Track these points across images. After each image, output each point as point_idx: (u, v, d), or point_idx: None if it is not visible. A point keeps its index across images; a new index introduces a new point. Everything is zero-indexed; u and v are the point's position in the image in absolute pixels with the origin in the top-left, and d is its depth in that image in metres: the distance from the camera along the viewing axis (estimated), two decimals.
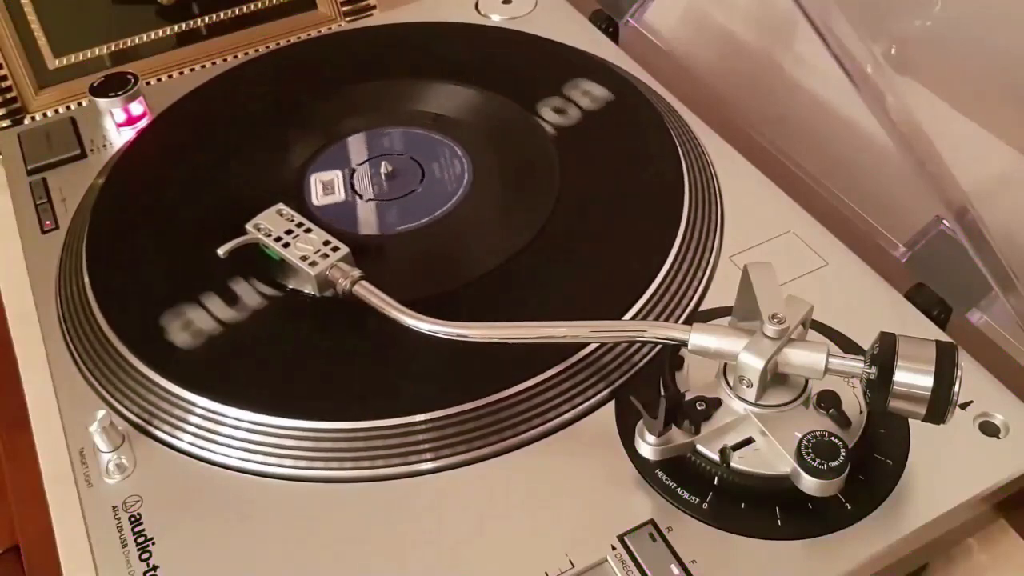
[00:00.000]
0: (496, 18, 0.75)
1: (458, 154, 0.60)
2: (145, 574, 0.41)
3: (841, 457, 0.38)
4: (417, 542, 0.41)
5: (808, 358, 0.39)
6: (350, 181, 0.59)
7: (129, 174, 0.61)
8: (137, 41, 0.77)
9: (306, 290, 0.51)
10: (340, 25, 0.82)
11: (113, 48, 0.77)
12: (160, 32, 0.78)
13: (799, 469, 0.38)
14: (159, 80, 0.76)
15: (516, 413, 0.45)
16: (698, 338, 0.41)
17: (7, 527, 0.50)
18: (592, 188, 0.56)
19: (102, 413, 0.45)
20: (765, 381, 0.40)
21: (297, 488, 0.44)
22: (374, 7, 0.82)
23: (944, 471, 0.42)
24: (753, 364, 0.39)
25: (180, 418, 0.46)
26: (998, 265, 0.50)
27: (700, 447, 0.40)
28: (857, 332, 0.47)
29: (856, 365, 0.39)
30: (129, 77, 0.67)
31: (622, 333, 0.44)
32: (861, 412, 0.41)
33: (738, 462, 0.40)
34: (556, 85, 0.64)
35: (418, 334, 0.45)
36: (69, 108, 0.74)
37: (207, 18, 0.79)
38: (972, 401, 0.44)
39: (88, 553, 0.42)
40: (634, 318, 0.48)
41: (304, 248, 0.50)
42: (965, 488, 0.41)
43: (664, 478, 0.42)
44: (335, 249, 0.50)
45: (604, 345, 0.47)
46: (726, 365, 0.42)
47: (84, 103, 0.72)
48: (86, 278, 0.53)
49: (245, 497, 0.43)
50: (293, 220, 0.52)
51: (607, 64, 0.67)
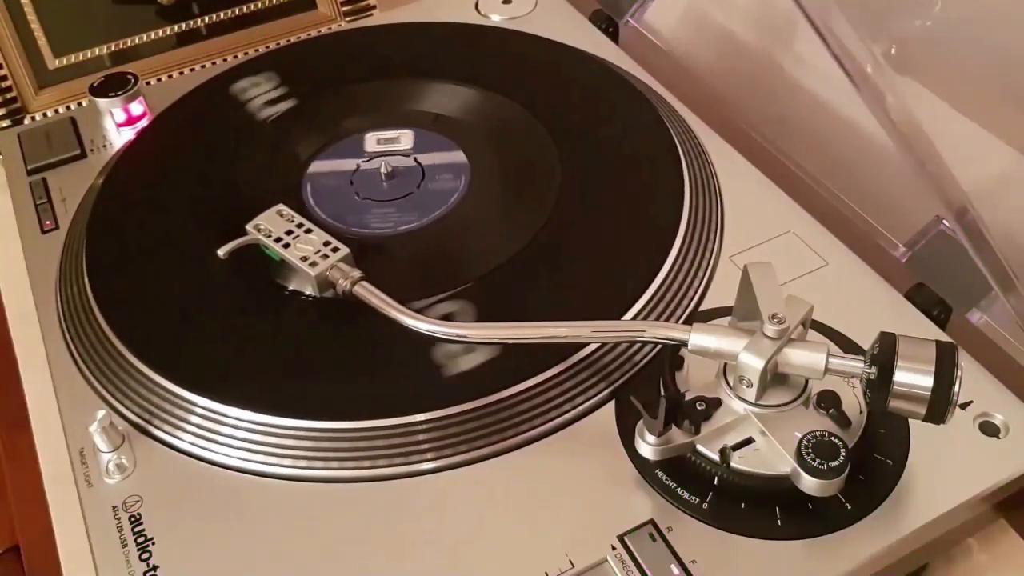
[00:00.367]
0: (496, 18, 0.75)
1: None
2: (145, 574, 0.41)
3: (841, 457, 0.38)
4: (417, 542, 0.41)
5: (808, 358, 0.39)
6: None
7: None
8: (137, 41, 0.77)
9: (306, 290, 0.51)
10: (340, 25, 0.82)
11: (113, 48, 0.77)
12: (160, 32, 0.78)
13: (799, 469, 0.38)
14: (159, 80, 0.76)
15: (516, 413, 0.45)
16: (698, 338, 0.41)
17: (7, 527, 0.50)
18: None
19: (102, 413, 0.45)
20: (765, 381, 0.40)
21: (297, 488, 0.44)
22: (374, 7, 0.82)
23: (944, 471, 0.42)
24: (753, 364, 0.39)
25: (180, 418, 0.46)
26: (998, 265, 0.50)
27: (700, 447, 0.40)
28: (857, 332, 0.47)
29: (856, 365, 0.39)
30: (129, 77, 0.67)
31: (622, 333, 0.44)
32: (861, 412, 0.41)
33: (738, 462, 0.40)
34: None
35: (418, 334, 0.45)
36: (69, 108, 0.74)
37: (207, 18, 0.79)
38: (972, 401, 0.44)
39: (88, 553, 0.42)
40: (634, 318, 0.48)
41: (304, 249, 0.50)
42: (965, 488, 0.41)
43: (664, 478, 0.42)
44: (335, 250, 0.50)
45: (604, 345, 0.47)
46: (726, 365, 0.42)
47: (84, 103, 0.72)
48: (86, 278, 0.53)
49: (245, 497, 0.43)
50: (293, 221, 0.52)
51: (607, 64, 0.67)
